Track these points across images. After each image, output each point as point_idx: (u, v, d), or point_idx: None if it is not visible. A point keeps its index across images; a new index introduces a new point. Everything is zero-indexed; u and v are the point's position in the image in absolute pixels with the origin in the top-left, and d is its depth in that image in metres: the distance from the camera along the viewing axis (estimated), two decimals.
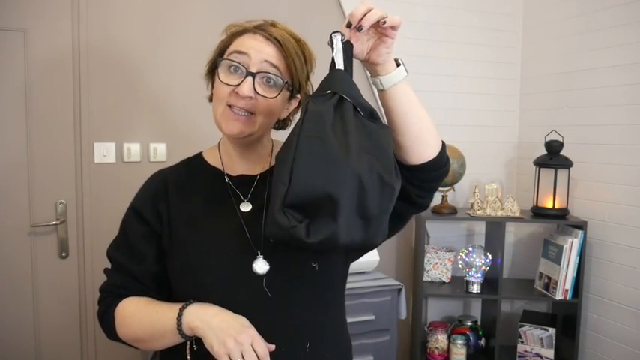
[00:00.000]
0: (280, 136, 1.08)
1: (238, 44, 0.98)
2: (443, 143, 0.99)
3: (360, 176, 0.80)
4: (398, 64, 0.93)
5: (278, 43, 0.97)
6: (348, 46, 0.88)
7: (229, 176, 1.06)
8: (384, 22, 0.85)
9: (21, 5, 2.02)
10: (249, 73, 0.94)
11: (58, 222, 2.13)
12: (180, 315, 0.93)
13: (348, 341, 1.13)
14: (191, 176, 1.07)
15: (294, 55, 0.98)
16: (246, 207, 1.03)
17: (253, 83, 0.94)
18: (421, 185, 0.98)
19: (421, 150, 0.95)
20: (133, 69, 2.19)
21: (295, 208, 0.81)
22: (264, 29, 0.99)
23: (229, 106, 0.96)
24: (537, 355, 2.53)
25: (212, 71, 1.04)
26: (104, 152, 2.18)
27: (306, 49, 1.02)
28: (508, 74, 2.89)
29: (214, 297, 0.95)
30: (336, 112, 0.85)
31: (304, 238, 0.80)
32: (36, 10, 2.04)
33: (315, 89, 0.97)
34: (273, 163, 1.04)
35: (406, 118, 0.93)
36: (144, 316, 0.99)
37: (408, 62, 0.98)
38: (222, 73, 0.97)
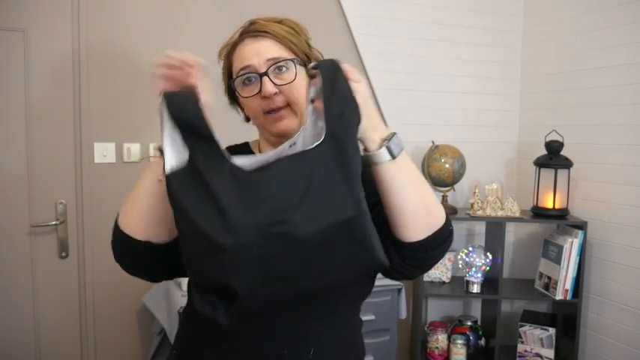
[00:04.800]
0: None
1: (238, 61, 1.01)
2: (440, 231, 0.89)
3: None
4: (389, 146, 0.85)
5: (267, 34, 1.00)
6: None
7: None
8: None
9: (21, 5, 2.02)
10: (261, 75, 0.98)
11: (57, 222, 2.13)
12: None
13: (362, 346, 1.13)
14: None
15: (286, 34, 1.01)
16: None
17: (271, 80, 0.97)
18: (404, 261, 0.92)
19: (401, 230, 0.88)
20: (133, 69, 2.19)
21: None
22: (248, 31, 1.02)
23: (267, 112, 0.99)
24: (537, 355, 2.53)
25: (232, 96, 1.08)
26: (104, 152, 2.18)
27: (291, 24, 1.05)
28: (508, 74, 2.89)
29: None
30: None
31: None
32: (36, 10, 2.04)
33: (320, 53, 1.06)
34: None
35: (384, 196, 0.88)
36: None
37: (408, 62, 0.97)
38: (241, 92, 1.01)
